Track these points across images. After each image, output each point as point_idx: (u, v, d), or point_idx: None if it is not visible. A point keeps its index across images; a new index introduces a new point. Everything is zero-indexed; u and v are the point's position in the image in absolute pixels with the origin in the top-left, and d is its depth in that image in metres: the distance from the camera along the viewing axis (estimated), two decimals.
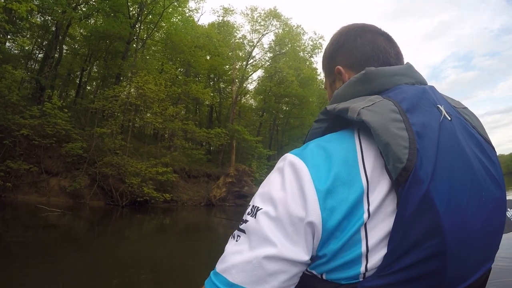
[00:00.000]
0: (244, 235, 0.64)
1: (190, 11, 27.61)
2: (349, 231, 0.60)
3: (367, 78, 0.74)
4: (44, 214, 11.59)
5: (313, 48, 33.95)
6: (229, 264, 0.62)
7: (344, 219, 0.60)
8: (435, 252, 0.58)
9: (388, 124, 0.61)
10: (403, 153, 0.58)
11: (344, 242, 0.60)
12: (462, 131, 0.70)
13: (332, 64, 0.89)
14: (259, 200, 0.66)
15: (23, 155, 15.20)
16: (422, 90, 0.72)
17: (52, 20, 19.97)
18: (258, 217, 0.63)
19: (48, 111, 15.86)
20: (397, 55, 0.84)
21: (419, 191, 0.57)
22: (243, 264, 0.60)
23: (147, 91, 18.70)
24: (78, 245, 7.99)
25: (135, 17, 22.73)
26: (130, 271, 5.89)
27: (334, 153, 0.65)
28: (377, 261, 0.60)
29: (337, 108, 0.71)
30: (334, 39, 0.90)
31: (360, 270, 0.60)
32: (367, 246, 0.60)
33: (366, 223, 0.60)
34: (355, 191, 0.60)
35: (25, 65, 23.38)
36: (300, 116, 35.61)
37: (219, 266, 0.64)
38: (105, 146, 17.59)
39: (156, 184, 17.71)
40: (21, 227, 9.59)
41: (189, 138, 26.44)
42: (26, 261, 5.89)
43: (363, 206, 0.60)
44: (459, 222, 0.59)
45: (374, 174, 0.62)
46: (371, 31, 0.86)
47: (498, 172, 0.71)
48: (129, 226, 12.28)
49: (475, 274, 0.66)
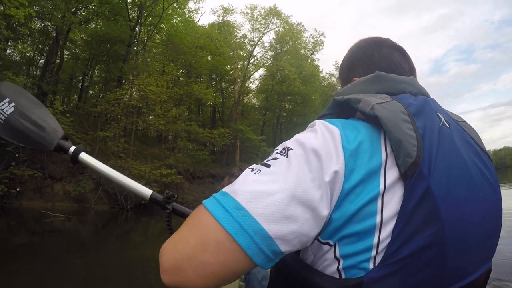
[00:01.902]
0: (267, 170, 0.61)
1: (189, 12, 27.68)
2: (364, 197, 0.60)
3: (376, 79, 0.79)
4: (49, 220, 11.57)
5: (314, 45, 33.98)
6: (244, 188, 0.58)
7: (360, 183, 0.61)
8: (435, 239, 0.59)
9: (400, 123, 0.65)
10: (413, 150, 0.62)
11: (358, 207, 0.60)
12: (460, 139, 0.73)
13: (350, 75, 0.94)
14: (292, 143, 0.65)
15: (27, 161, 15.17)
16: (425, 100, 0.76)
17: (52, 25, 19.97)
18: (291, 156, 0.62)
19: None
20: (410, 70, 0.91)
21: (422, 185, 0.60)
22: (262, 194, 0.56)
23: (149, 93, 18.68)
24: (84, 249, 7.94)
25: (135, 20, 22.72)
26: (137, 274, 5.82)
27: (360, 127, 0.68)
28: (386, 237, 0.60)
29: (345, 97, 0.74)
30: (352, 52, 0.96)
31: (373, 243, 0.60)
32: (381, 218, 0.60)
33: (383, 195, 0.61)
34: (375, 161, 0.63)
35: (27, 72, 23.42)
36: (303, 114, 35.54)
37: (227, 188, 0.61)
38: (108, 149, 17.57)
39: (161, 186, 17.65)
40: (27, 233, 9.57)
41: (192, 139, 26.40)
42: (31, 266, 5.84)
43: (379, 177, 0.62)
44: (457, 215, 0.62)
45: (390, 157, 0.64)
46: (387, 46, 0.92)
47: (494, 178, 0.75)
48: (135, 229, 12.25)
49: (475, 273, 0.68)
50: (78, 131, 17.16)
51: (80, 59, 24.84)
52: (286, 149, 0.64)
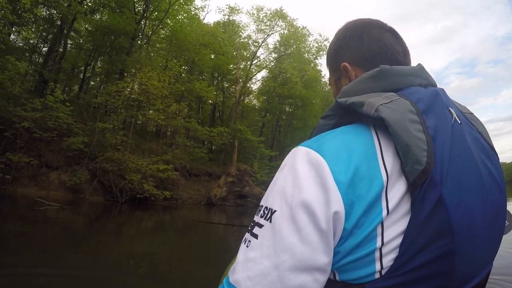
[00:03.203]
0: (256, 243, 0.59)
1: (196, 9, 27.64)
2: (366, 229, 0.57)
3: (381, 76, 0.72)
4: (42, 208, 11.50)
5: (318, 50, 33.98)
6: (243, 275, 0.57)
7: (363, 215, 0.57)
8: (445, 252, 0.57)
9: (407, 125, 0.60)
10: (422, 156, 0.57)
11: (361, 239, 0.57)
12: (470, 136, 0.69)
13: (338, 60, 0.87)
14: (272, 200, 0.61)
15: (24, 148, 15.11)
16: (435, 92, 0.70)
17: (58, 13, 19.94)
18: (274, 221, 0.58)
19: (50, 104, 15.76)
20: (404, 52, 0.83)
21: (434, 194, 0.56)
22: (259, 276, 0.56)
23: (150, 87, 18.64)
24: (76, 240, 7.89)
25: (141, 13, 22.70)
26: (129, 268, 5.80)
27: (353, 145, 0.62)
28: (390, 259, 0.57)
29: (349, 101, 0.68)
30: (340, 35, 0.88)
31: (375, 269, 0.58)
32: (382, 243, 0.57)
33: (383, 221, 0.58)
34: (375, 187, 0.58)
35: (29, 58, 23.36)
36: (303, 118, 35.59)
37: (232, 276, 0.59)
38: (106, 141, 17.54)
39: (157, 182, 17.63)
40: (19, 220, 9.50)
41: (191, 136, 26.39)
42: (22, 255, 5.79)
43: (381, 203, 0.58)
44: (468, 224, 0.59)
45: (393, 171, 0.60)
46: (378, 27, 0.84)
47: (501, 178, 0.72)
48: (128, 222, 12.20)
49: (478, 276, 0.66)
50: (77, 121, 17.08)
51: (83, 49, 24.88)
52: (270, 212, 0.60)
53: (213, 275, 5.36)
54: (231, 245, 8.17)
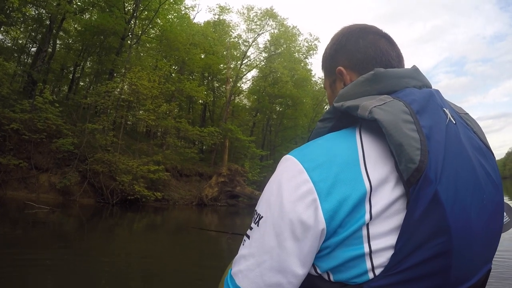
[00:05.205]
0: (248, 242, 0.67)
1: (186, 8, 27.54)
2: (349, 228, 0.60)
3: (376, 79, 0.74)
4: (33, 211, 11.40)
5: (308, 49, 34.11)
6: (237, 268, 0.66)
7: (346, 217, 0.60)
8: (441, 251, 0.59)
9: (400, 125, 0.61)
10: (416, 154, 0.58)
11: (345, 237, 0.61)
12: (465, 136, 0.71)
13: (333, 64, 0.89)
14: (261, 207, 0.68)
15: (13, 150, 14.95)
16: (430, 93, 0.72)
17: (46, 13, 19.70)
18: (260, 225, 0.66)
19: (39, 105, 15.60)
20: (398, 57, 0.85)
21: (429, 192, 0.58)
22: (247, 270, 0.64)
23: (140, 87, 18.53)
24: (67, 243, 7.86)
25: (130, 13, 22.53)
26: (119, 269, 5.80)
27: (334, 152, 0.65)
28: (384, 260, 0.60)
29: (345, 105, 0.70)
30: (336, 40, 0.90)
31: (366, 268, 0.60)
32: (369, 245, 0.60)
33: (368, 224, 0.60)
34: (357, 192, 0.60)
35: (18, 59, 23.07)
36: (293, 117, 35.70)
37: (233, 268, 0.68)
38: (96, 142, 17.39)
39: (148, 183, 17.56)
40: (9, 224, 9.42)
41: (181, 137, 26.32)
42: (12, 258, 5.76)
43: (364, 207, 0.60)
44: (464, 222, 0.61)
45: (377, 174, 0.62)
46: (373, 33, 0.86)
47: (497, 177, 0.73)
48: (120, 224, 12.14)
49: (476, 275, 0.68)
50: (67, 122, 16.94)
51: (73, 49, 24.61)
52: (258, 217, 0.67)
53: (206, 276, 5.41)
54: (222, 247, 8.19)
